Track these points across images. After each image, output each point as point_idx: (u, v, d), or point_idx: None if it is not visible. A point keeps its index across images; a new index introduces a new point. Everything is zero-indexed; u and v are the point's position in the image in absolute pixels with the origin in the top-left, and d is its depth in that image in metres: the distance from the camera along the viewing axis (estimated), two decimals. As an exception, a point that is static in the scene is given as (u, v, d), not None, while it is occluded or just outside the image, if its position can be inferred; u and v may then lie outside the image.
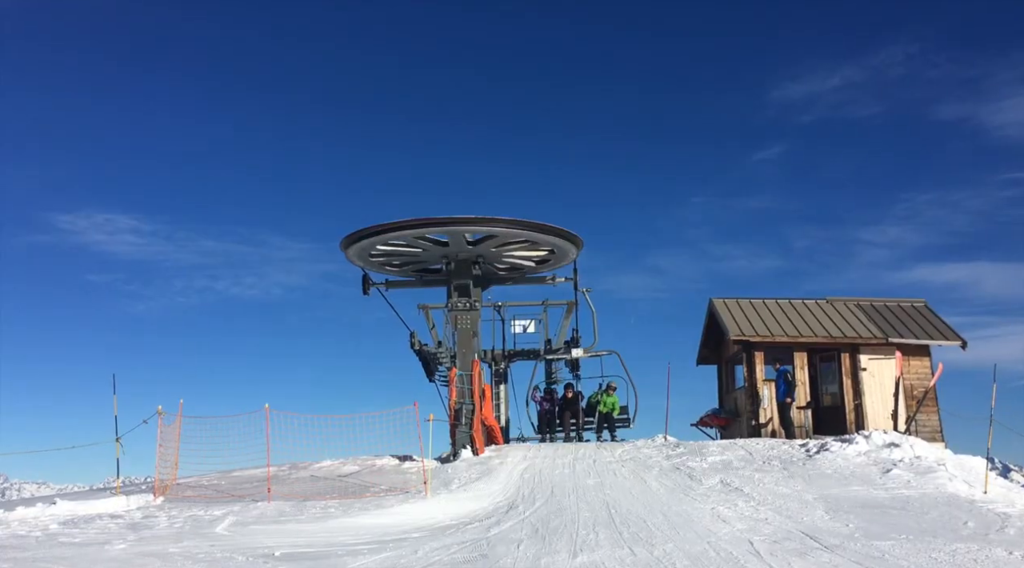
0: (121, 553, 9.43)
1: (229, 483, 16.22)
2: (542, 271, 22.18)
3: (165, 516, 12.17)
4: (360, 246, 19.78)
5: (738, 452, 16.54)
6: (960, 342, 20.41)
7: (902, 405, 19.45)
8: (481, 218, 19.10)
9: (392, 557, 9.35)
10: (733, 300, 22.34)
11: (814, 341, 20.47)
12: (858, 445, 15.81)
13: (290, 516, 11.99)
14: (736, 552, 8.94)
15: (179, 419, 15.27)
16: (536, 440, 21.73)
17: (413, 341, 20.70)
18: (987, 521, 10.50)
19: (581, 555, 9.05)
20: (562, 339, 22.91)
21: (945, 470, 13.87)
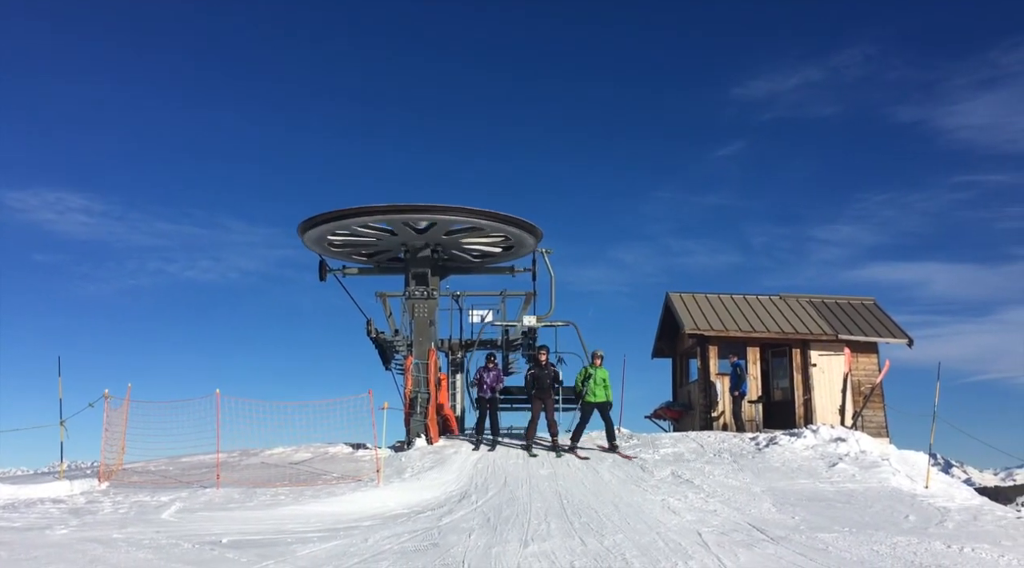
0: (63, 538, 9.22)
1: (177, 469, 15.96)
2: (501, 261, 22.14)
3: (110, 501, 11.93)
4: (317, 232, 19.54)
5: (690, 445, 16.75)
6: (907, 340, 20.91)
7: (849, 401, 19.88)
8: (440, 207, 18.97)
9: (342, 545, 9.29)
10: (689, 294, 22.62)
11: (766, 336, 20.81)
12: (806, 439, 16.11)
13: (239, 503, 11.84)
14: (684, 543, 9.05)
15: (126, 403, 14.97)
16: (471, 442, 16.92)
17: (370, 329, 20.52)
18: (928, 515, 10.78)
19: (532, 545, 9.08)
20: (520, 329, 22.92)
21: (889, 465, 14.19)
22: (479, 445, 16.48)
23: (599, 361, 16.44)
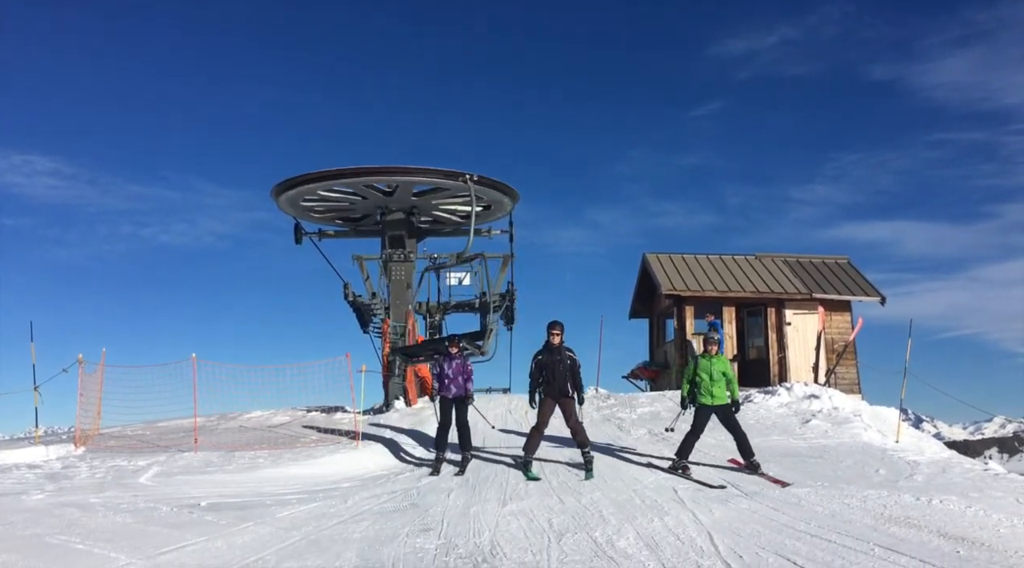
0: (39, 503, 9.19)
1: (154, 434, 15.91)
2: (479, 223, 22.05)
3: (86, 466, 11.88)
4: (291, 195, 19.35)
5: (666, 403, 16.92)
6: (879, 298, 21.18)
7: (823, 358, 20.15)
8: (417, 168, 18.84)
9: (321, 506, 9.33)
10: (666, 255, 22.71)
11: (742, 296, 20.99)
12: (780, 397, 16.34)
13: (217, 466, 11.83)
14: (660, 500, 9.18)
15: (101, 368, 14.84)
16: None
17: (347, 292, 20.46)
18: (898, 469, 10.99)
19: (510, 504, 9.17)
20: (497, 292, 22.92)
21: (860, 421, 14.44)
22: (438, 468, 11.12)
23: (714, 347, 11.17)
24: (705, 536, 7.54)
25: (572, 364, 10.78)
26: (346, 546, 7.48)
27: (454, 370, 11.60)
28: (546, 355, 10.77)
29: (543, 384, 10.77)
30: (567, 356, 10.75)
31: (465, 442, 11.57)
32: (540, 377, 10.79)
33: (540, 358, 10.79)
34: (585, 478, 10.37)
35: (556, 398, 10.72)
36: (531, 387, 10.89)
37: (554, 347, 10.76)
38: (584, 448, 10.75)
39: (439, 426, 11.50)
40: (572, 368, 10.78)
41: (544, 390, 10.77)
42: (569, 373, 10.73)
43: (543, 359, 10.77)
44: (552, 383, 10.70)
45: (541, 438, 10.91)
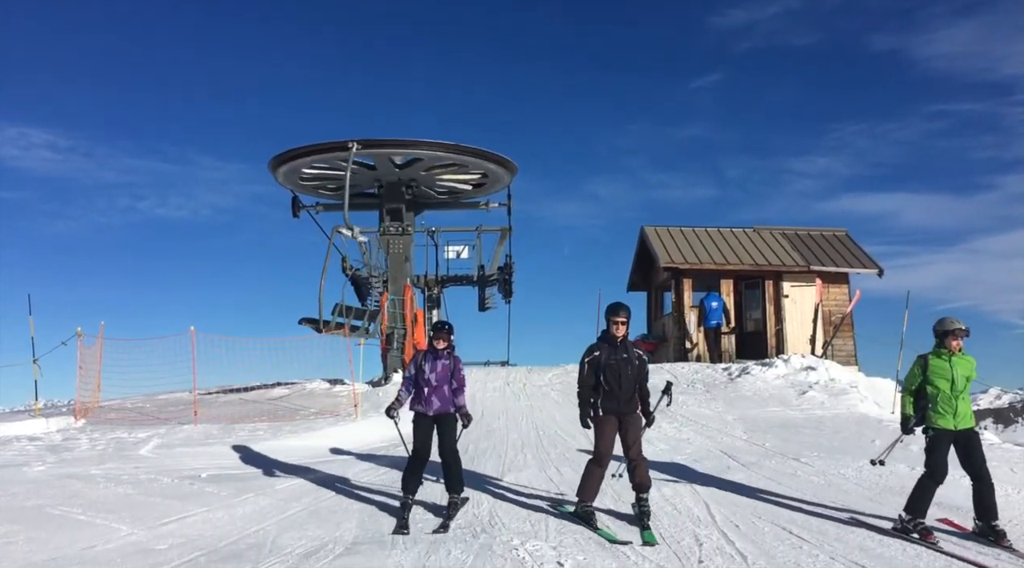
0: (40, 475, 9.24)
1: (154, 406, 15.98)
2: (476, 196, 21.99)
3: (87, 438, 11.94)
4: (288, 168, 19.26)
5: (664, 376, 16.98)
6: (877, 270, 21.18)
7: (820, 330, 20.21)
8: (414, 141, 18.74)
9: (322, 478, 9.40)
10: (664, 228, 22.67)
11: (740, 268, 20.98)
12: (777, 369, 16.41)
13: (217, 439, 11.89)
14: (658, 471, 9.24)
15: (100, 341, 14.88)
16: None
17: (345, 265, 20.43)
18: (893, 439, 11.06)
19: (508, 475, 9.24)
20: (495, 265, 22.91)
21: (857, 392, 14.52)
22: (404, 520, 7.25)
23: (957, 341, 7.14)
24: (702, 506, 7.62)
25: (641, 366, 7.36)
26: (346, 516, 7.55)
27: (439, 374, 7.62)
28: (607, 352, 7.28)
29: (602, 394, 7.21)
30: (635, 354, 7.34)
31: (454, 481, 7.67)
32: (598, 384, 7.24)
33: (597, 356, 7.29)
34: (643, 540, 6.62)
35: (620, 415, 7.22)
36: (583, 397, 7.32)
37: (617, 341, 7.32)
38: (642, 492, 7.11)
39: (410, 457, 7.62)
40: (640, 372, 7.36)
41: (604, 403, 7.19)
42: (634, 374, 7.28)
43: (602, 358, 7.26)
44: (616, 394, 7.19)
45: (602, 476, 7.31)
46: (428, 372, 7.63)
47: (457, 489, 7.71)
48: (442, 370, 7.67)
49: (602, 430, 7.28)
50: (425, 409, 7.63)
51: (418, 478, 7.53)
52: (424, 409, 7.64)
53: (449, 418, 7.70)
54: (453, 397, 7.69)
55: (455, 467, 7.70)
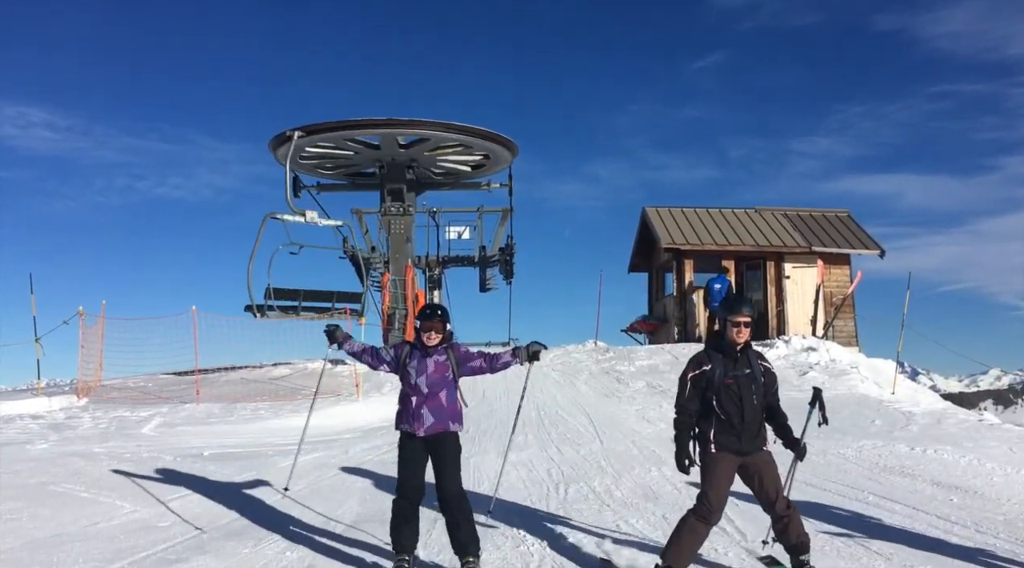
0: (44, 453, 9.28)
1: (156, 385, 16.02)
2: (477, 177, 21.94)
3: (89, 417, 11.99)
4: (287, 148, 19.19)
5: (665, 356, 17.02)
6: (879, 251, 21.16)
7: (821, 311, 20.21)
8: (416, 121, 18.68)
9: (323, 457, 9.44)
10: (665, 209, 22.63)
11: (741, 249, 20.95)
12: (778, 349, 16.44)
13: (219, 418, 11.94)
14: (659, 450, 9.28)
15: (101, 320, 14.90)
16: None
17: (346, 246, 20.43)
18: (893, 419, 11.10)
19: (510, 454, 9.25)
20: (497, 246, 22.89)
21: (858, 372, 14.55)
22: None
23: None
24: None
25: (769, 383, 5.20)
26: (347, 495, 7.59)
27: (431, 376, 5.44)
28: (721, 366, 5.08)
29: (715, 425, 5.03)
30: (760, 367, 5.17)
31: (465, 538, 5.34)
32: (710, 412, 5.05)
33: (707, 371, 5.08)
34: None
35: (743, 454, 5.03)
36: (681, 429, 5.12)
37: (737, 350, 5.11)
38: (803, 554, 5.16)
39: (396, 497, 5.43)
40: (768, 392, 5.21)
41: (719, 438, 5.02)
42: (760, 389, 5.12)
43: (716, 375, 5.05)
44: (736, 425, 5.01)
45: (707, 536, 5.15)
46: (415, 375, 5.37)
47: (471, 550, 5.28)
48: (436, 370, 5.38)
49: (715, 473, 4.99)
50: (412, 427, 5.33)
51: (413, 528, 5.35)
52: (411, 427, 5.34)
53: (450, 440, 5.36)
54: (452, 406, 5.43)
55: (463, 516, 5.27)
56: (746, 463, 5.06)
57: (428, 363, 5.41)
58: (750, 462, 5.07)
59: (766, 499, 5.10)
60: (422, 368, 5.40)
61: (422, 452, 5.34)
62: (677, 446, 5.13)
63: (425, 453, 5.34)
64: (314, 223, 17.87)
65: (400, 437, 5.46)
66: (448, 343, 5.50)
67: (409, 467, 5.36)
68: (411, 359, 5.45)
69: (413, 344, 5.52)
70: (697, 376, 5.11)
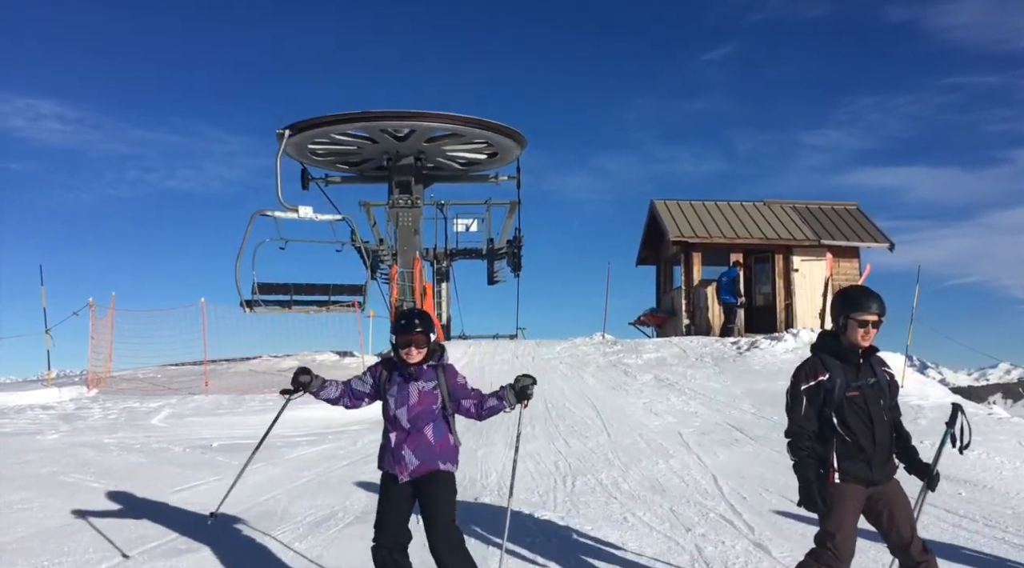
0: (54, 443, 9.35)
1: (165, 377, 16.10)
2: (485, 169, 21.93)
3: (99, 408, 12.06)
4: (297, 140, 19.21)
5: (672, 349, 17.01)
6: (888, 244, 21.08)
7: (829, 304, 20.16)
8: (424, 113, 18.67)
9: (331, 448, 9.47)
10: (674, 202, 22.58)
11: (750, 243, 20.90)
12: (786, 342, 16.40)
13: (228, 409, 11.99)
14: (666, 443, 9.29)
15: (111, 311, 14.98)
16: None
17: (354, 238, 20.47)
18: (902, 413, 11.07)
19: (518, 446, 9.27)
20: (504, 238, 22.90)
21: (866, 367, 14.48)
22: None
23: None
24: (710, 478, 7.65)
25: (893, 393, 4.28)
26: (355, 487, 7.61)
27: (414, 407, 4.42)
28: (842, 375, 4.10)
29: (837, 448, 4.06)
30: (885, 375, 4.23)
31: None
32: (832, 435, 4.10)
33: (825, 382, 4.09)
34: None
35: (872, 484, 4.07)
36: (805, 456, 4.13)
37: (859, 355, 4.17)
38: None
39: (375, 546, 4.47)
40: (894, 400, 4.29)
41: (843, 465, 4.04)
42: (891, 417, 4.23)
43: (836, 386, 4.08)
44: (866, 447, 4.05)
45: None
46: (394, 405, 4.39)
47: None
48: (420, 402, 4.36)
49: (841, 510, 3.99)
50: (395, 469, 4.35)
51: None
52: (392, 468, 4.38)
53: (440, 480, 4.35)
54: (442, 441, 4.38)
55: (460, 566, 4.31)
56: (874, 495, 4.03)
57: (410, 391, 4.36)
58: (879, 494, 4.03)
59: (898, 540, 4.03)
60: (403, 397, 4.37)
61: (407, 497, 4.37)
62: (802, 480, 4.00)
63: (411, 497, 4.37)
64: (309, 218, 17.91)
65: (381, 478, 4.49)
66: (437, 360, 4.45)
67: (390, 509, 4.38)
68: (390, 384, 4.43)
69: (393, 362, 4.47)
70: (813, 389, 4.07)
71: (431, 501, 4.32)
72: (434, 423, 4.37)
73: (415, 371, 4.37)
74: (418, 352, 4.34)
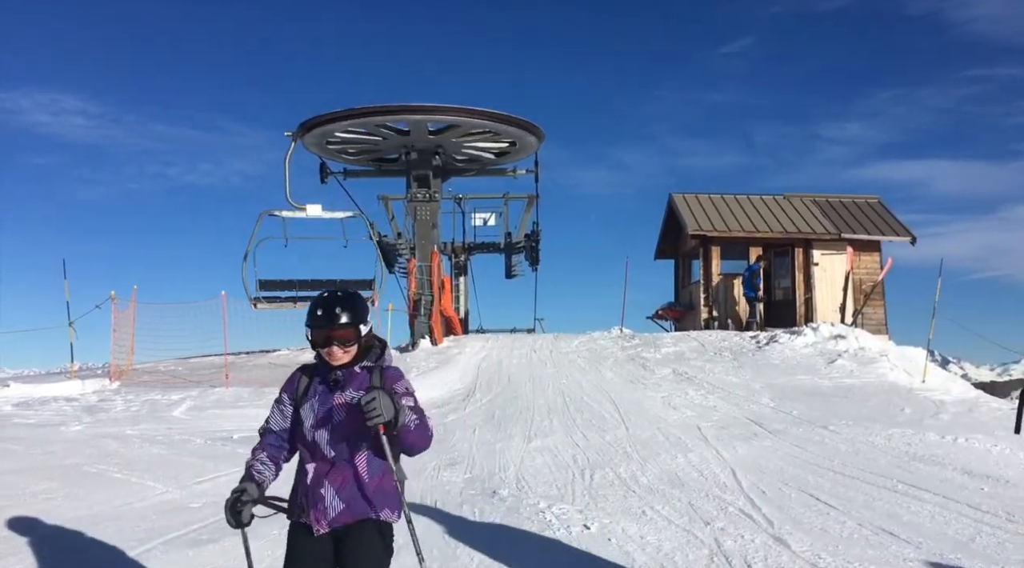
0: (78, 434, 9.46)
1: (186, 369, 16.24)
2: (503, 163, 21.92)
3: (121, 400, 12.19)
4: (316, 134, 19.29)
5: (691, 343, 16.95)
6: (910, 238, 20.87)
7: (850, 299, 20.00)
8: (441, 107, 18.68)
9: (350, 440, 9.51)
10: (692, 195, 22.46)
11: (769, 236, 20.76)
12: (806, 337, 16.29)
13: (248, 401, 12.08)
14: (684, 437, 9.25)
15: (133, 305, 15.13)
16: None
17: (371, 233, 20.53)
18: (923, 408, 10.97)
19: (536, 440, 9.29)
20: (522, 232, 22.89)
21: (887, 360, 14.38)
22: None
23: None
24: (728, 472, 7.61)
25: None
26: (375, 478, 7.64)
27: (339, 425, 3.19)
28: None
29: None
30: None
31: None
32: None
33: None
34: None
35: None
36: None
37: None
38: None
39: None
40: None
41: None
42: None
43: None
44: None
45: None
46: (312, 423, 3.23)
47: None
48: (349, 417, 3.17)
49: None
50: (311, 515, 3.19)
51: None
52: (305, 515, 3.22)
53: (370, 537, 3.19)
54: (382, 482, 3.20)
55: None
56: None
57: (335, 404, 3.16)
58: None
59: None
60: (324, 413, 3.17)
61: (325, 557, 3.16)
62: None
63: (330, 557, 3.17)
64: (317, 217, 18.02)
65: (289, 529, 3.27)
66: (375, 360, 3.30)
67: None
68: (307, 396, 3.25)
69: (315, 367, 3.32)
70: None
71: (354, 565, 3.13)
72: (369, 452, 3.16)
73: (342, 376, 3.21)
74: (344, 351, 3.19)
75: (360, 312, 3.25)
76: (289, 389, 3.36)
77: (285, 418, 3.33)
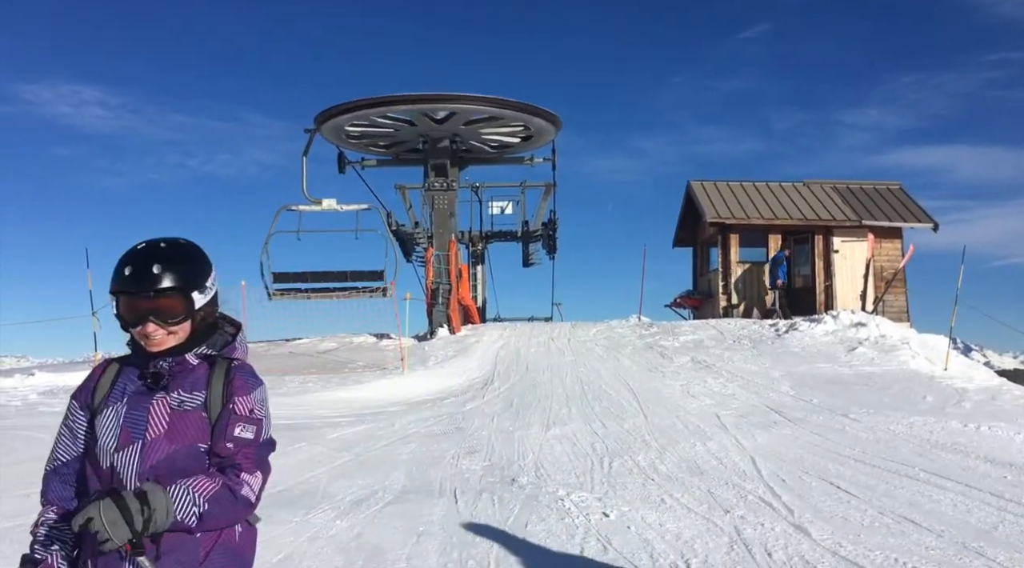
0: (102, 424, 9.58)
1: (208, 359, 16.39)
2: (520, 151, 21.89)
3: (144, 390, 12.32)
4: (334, 124, 19.35)
5: (709, 331, 16.89)
6: (932, 224, 20.66)
7: (871, 286, 19.85)
8: (459, 95, 18.68)
9: (370, 429, 9.58)
10: (711, 182, 22.34)
11: (789, 224, 20.62)
12: (826, 324, 16.19)
13: (269, 390, 12.17)
14: (703, 425, 9.24)
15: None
16: None
17: (390, 221, 20.59)
18: (946, 395, 10.89)
19: (554, 428, 9.31)
20: (539, 220, 22.87)
21: (908, 348, 14.27)
22: None
23: None
24: (748, 461, 7.60)
25: None
26: (394, 466, 7.69)
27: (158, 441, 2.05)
28: None
29: None
30: None
31: None
32: None
33: None
34: None
35: None
36: None
37: None
38: None
39: None
40: None
41: None
42: None
43: None
44: None
45: None
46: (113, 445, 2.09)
47: None
48: (174, 429, 2.09)
49: None
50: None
51: None
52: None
53: None
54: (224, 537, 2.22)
55: None
56: None
57: (152, 409, 2.12)
58: None
59: None
60: (132, 427, 2.10)
61: None
62: None
63: None
64: (333, 210, 18.15)
65: None
66: (220, 349, 2.30)
67: None
68: (109, 401, 2.17)
69: (126, 361, 2.24)
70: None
71: None
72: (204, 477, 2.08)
73: (166, 369, 2.15)
74: (167, 332, 2.12)
75: (194, 271, 2.15)
76: (82, 393, 2.22)
77: (77, 439, 2.19)
